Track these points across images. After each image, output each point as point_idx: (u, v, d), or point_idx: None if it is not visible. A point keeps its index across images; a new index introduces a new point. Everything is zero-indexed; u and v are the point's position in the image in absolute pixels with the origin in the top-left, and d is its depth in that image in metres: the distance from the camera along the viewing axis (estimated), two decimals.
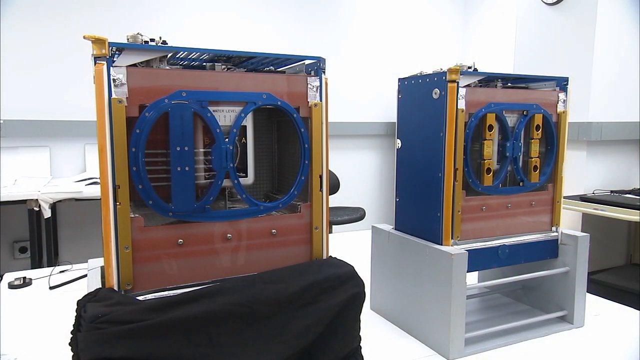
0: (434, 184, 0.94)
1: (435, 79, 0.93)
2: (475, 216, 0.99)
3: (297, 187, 0.82)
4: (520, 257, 1.02)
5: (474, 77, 0.97)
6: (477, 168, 1.00)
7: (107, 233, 0.69)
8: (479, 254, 0.97)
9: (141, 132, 0.69)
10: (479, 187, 0.99)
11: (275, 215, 0.83)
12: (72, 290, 1.23)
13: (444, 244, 0.94)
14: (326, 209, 0.84)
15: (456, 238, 0.96)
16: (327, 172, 0.83)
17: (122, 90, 0.68)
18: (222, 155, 0.74)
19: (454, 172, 0.93)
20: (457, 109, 0.92)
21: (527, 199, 1.05)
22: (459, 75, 0.91)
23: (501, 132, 1.01)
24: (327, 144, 0.83)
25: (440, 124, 0.92)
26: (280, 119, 0.95)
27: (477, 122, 0.96)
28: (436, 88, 0.93)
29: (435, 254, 0.92)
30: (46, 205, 2.13)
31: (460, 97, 0.92)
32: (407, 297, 1.00)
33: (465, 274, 0.90)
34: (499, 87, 1.04)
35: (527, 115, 1.02)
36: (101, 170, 0.68)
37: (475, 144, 1.00)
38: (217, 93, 0.74)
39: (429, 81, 0.95)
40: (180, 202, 0.72)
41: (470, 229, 0.98)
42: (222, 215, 0.77)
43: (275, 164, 0.98)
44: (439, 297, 0.91)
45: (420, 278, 0.96)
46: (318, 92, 0.82)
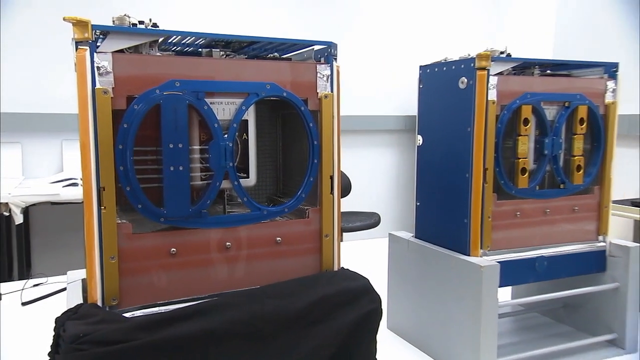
0: (460, 186, 0.95)
1: (462, 66, 0.94)
2: (508, 223, 0.99)
3: (304, 190, 0.83)
4: (561, 271, 1.02)
5: (507, 63, 0.97)
6: (510, 168, 1.00)
7: (90, 241, 0.70)
8: (513, 267, 0.97)
9: (129, 126, 0.70)
10: (513, 189, 0.99)
11: (280, 221, 0.84)
12: (48, 306, 1.25)
13: (472, 255, 0.94)
14: (338, 214, 0.85)
15: (486, 248, 0.96)
16: (338, 172, 0.85)
17: (107, 80, 0.69)
18: (220, 153, 0.75)
19: (483, 172, 0.93)
20: (487, 100, 0.92)
21: (569, 203, 1.05)
22: (489, 62, 0.91)
23: (538, 126, 1.01)
24: (339, 141, 0.84)
25: (468, 117, 0.93)
26: (286, 113, 0.96)
27: (511, 115, 0.97)
28: (463, 77, 0.93)
29: (462, 266, 0.93)
30: (17, 209, 2.16)
31: (491, 87, 0.93)
32: (429, 315, 1.01)
33: (497, 289, 0.90)
34: (536, 75, 1.05)
35: (570, 107, 1.02)
36: (83, 170, 0.70)
37: (508, 141, 1.00)
38: (215, 83, 0.76)
39: (454, 69, 0.96)
40: (174, 206, 0.74)
41: (502, 237, 0.99)
42: (221, 221, 0.78)
43: (279, 163, 0.99)
44: (466, 316, 0.92)
45: (444, 293, 0.97)
46: (329, 82, 0.83)
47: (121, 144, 0.70)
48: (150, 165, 0.76)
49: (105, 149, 0.69)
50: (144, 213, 0.73)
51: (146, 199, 0.72)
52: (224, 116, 0.78)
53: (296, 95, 0.80)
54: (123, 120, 0.71)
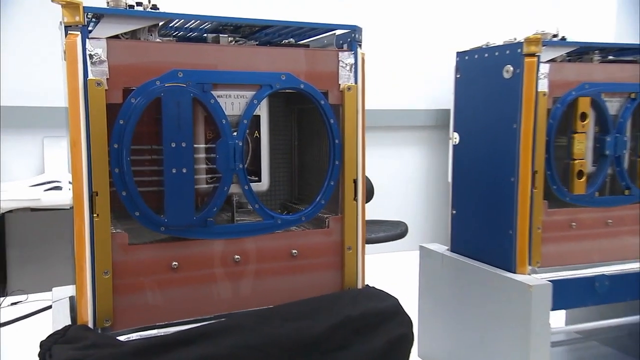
0: (504, 191, 0.95)
1: (508, 52, 0.94)
2: (561, 235, 0.99)
3: (324, 195, 0.84)
4: (625, 293, 1.01)
5: (561, 48, 0.97)
6: (564, 171, 1.00)
7: (81, 253, 0.72)
8: (568, 287, 0.97)
9: (126, 123, 0.72)
10: (567, 196, 0.99)
11: (296, 232, 0.85)
12: (29, 328, 1.27)
13: (518, 272, 0.94)
14: (362, 224, 0.85)
15: (535, 264, 0.96)
16: (363, 175, 0.85)
17: (101, 70, 0.71)
18: (229, 153, 0.77)
19: (532, 176, 0.93)
20: (537, 91, 0.93)
21: (635, 212, 1.04)
22: (540, 47, 0.92)
23: (598, 122, 1.01)
24: (363, 140, 0.85)
25: (514, 112, 0.93)
26: (303, 107, 0.97)
27: (565, 109, 0.97)
28: (508, 64, 0.94)
29: (506, 285, 0.93)
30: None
31: (541, 76, 0.93)
32: (467, 343, 1.01)
33: (549, 313, 0.90)
34: (595, 61, 1.04)
35: (636, 99, 1.01)
36: (74, 173, 0.71)
37: (562, 139, 1.00)
38: (223, 73, 0.77)
39: (498, 55, 0.96)
40: (176, 214, 0.75)
41: (554, 252, 0.98)
42: (229, 231, 0.79)
43: (295, 165, 1.00)
44: (512, 344, 0.92)
45: (485, 317, 0.97)
46: (352, 72, 0.83)
47: (117, 142, 0.72)
48: (149, 167, 0.78)
49: (99, 148, 0.71)
50: (141, 221, 0.74)
51: (145, 205, 0.74)
52: (233, 111, 0.79)
53: (315, 87, 0.81)
54: (119, 115, 0.72)
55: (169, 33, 0.86)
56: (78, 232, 0.72)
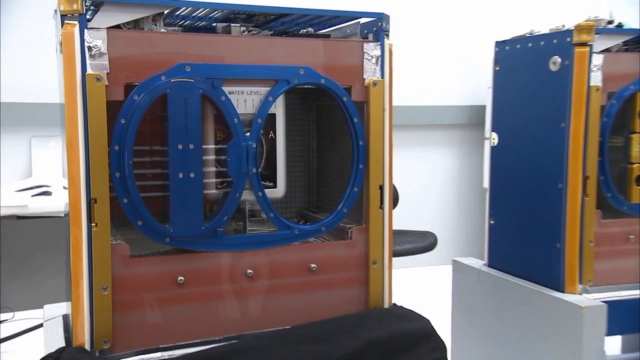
0: (550, 199, 0.94)
1: (555, 41, 0.94)
2: (617, 250, 0.98)
3: (346, 203, 0.84)
4: None
5: (617, 36, 0.96)
6: (619, 176, 0.99)
7: (77, 267, 0.73)
8: (624, 309, 0.96)
9: (128, 122, 0.73)
10: (624, 205, 0.98)
11: (316, 243, 0.85)
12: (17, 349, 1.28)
13: (567, 291, 0.93)
14: (389, 235, 0.85)
15: (587, 283, 0.95)
16: (390, 181, 0.85)
17: (100, 63, 0.72)
18: (241, 156, 0.77)
19: (582, 182, 0.92)
20: (589, 86, 0.92)
21: None
22: (592, 35, 0.91)
23: None
24: (390, 141, 0.85)
25: (562, 109, 0.92)
26: (323, 105, 0.98)
27: (622, 105, 0.96)
28: (556, 55, 0.93)
29: (554, 306, 0.92)
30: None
31: (594, 69, 0.92)
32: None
33: (603, 338, 0.89)
34: None
35: None
36: (70, 177, 0.72)
37: (618, 139, 0.99)
38: (235, 67, 0.78)
39: (544, 45, 0.96)
40: (182, 223, 0.75)
41: (609, 269, 0.97)
42: (241, 243, 0.79)
43: (313, 169, 1.01)
44: None
45: (528, 342, 0.96)
46: (378, 65, 0.83)
47: (117, 144, 0.73)
48: (151, 169, 0.78)
49: (98, 150, 0.72)
50: (144, 231, 0.75)
51: (148, 213, 0.74)
52: (246, 109, 0.79)
53: (337, 82, 0.82)
54: (120, 114, 0.73)
55: (175, 22, 0.87)
56: (74, 243, 0.72)
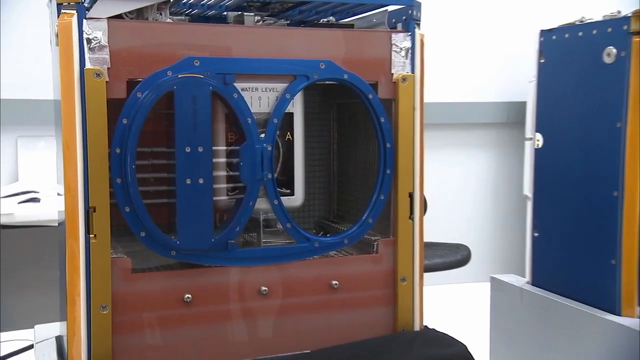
0: (603, 209, 0.94)
1: (609, 29, 0.93)
2: None
3: (372, 213, 0.84)
4: None
5: None
6: None
7: (74, 283, 0.73)
8: None
9: (130, 123, 0.73)
10: None
11: (337, 258, 0.85)
12: None
13: (624, 314, 0.92)
14: (420, 249, 0.85)
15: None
16: (421, 188, 0.86)
17: (101, 57, 0.72)
18: (255, 160, 0.78)
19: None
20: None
21: None
22: None
23: None
24: (422, 143, 0.85)
25: (617, 106, 0.91)
26: (345, 103, 0.98)
27: None
28: (610, 46, 0.93)
29: (608, 330, 0.91)
30: None
31: None
32: None
33: None
34: None
35: None
36: (67, 182, 0.73)
37: None
38: (248, 61, 0.78)
39: (596, 34, 0.95)
40: (190, 235, 0.76)
41: None
42: (254, 257, 0.80)
43: (334, 174, 1.01)
44: None
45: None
46: (408, 58, 0.84)
47: (119, 146, 0.73)
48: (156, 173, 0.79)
49: (97, 153, 0.72)
50: (148, 243, 0.76)
51: (152, 223, 0.75)
52: (261, 108, 0.80)
53: (361, 77, 0.82)
54: (122, 113, 0.73)
55: (183, 11, 0.88)
56: (70, 256, 0.73)
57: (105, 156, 0.73)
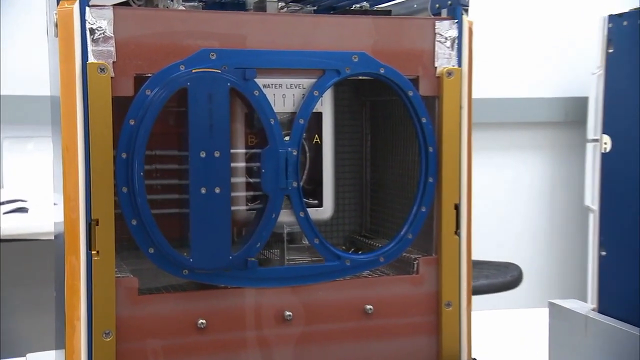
0: None
1: None
2: None
3: (412, 227, 0.84)
4: None
5: None
6: None
7: (73, 306, 0.74)
8: None
9: (139, 124, 0.74)
10: None
11: (372, 279, 0.85)
12: None
13: None
14: (467, 269, 0.86)
15: None
16: (469, 198, 0.86)
17: (105, 50, 0.73)
18: (279, 166, 0.78)
19: None
20: None
21: None
22: None
23: None
24: (469, 147, 0.85)
25: None
26: (380, 101, 0.99)
27: None
28: None
29: None
30: None
31: None
32: None
33: None
34: None
35: None
36: (66, 191, 0.74)
37: None
38: (272, 54, 0.79)
39: None
40: (205, 251, 0.76)
41: None
42: (278, 277, 0.80)
43: (367, 182, 1.02)
44: None
45: None
46: (454, 50, 0.84)
47: (125, 151, 0.74)
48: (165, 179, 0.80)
49: (101, 158, 0.73)
50: (157, 261, 0.76)
51: (162, 238, 0.75)
52: (285, 107, 0.81)
53: (400, 72, 0.82)
54: (129, 113, 0.74)
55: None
56: (70, 275, 0.74)
57: (110, 162, 0.74)
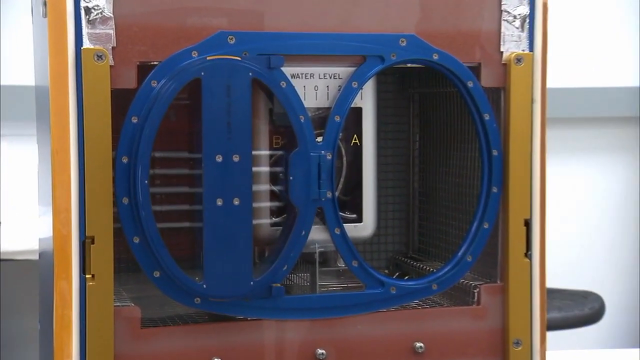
0: None
1: None
2: None
3: (472, 247, 0.85)
4: None
5: None
6: None
7: (62, 341, 0.75)
8: None
9: (143, 122, 0.74)
10: None
11: (423, 310, 0.86)
12: None
13: None
14: (541, 300, 0.85)
15: None
16: (543, 212, 0.86)
17: (104, 33, 0.74)
18: (310, 173, 0.78)
19: None
20: None
21: None
22: None
23: None
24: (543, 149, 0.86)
25: None
26: (430, 93, 0.99)
27: None
28: None
29: None
30: None
31: None
32: None
33: None
34: None
35: None
36: (56, 203, 0.74)
37: None
38: (302, 38, 0.79)
39: None
40: (221, 276, 0.77)
41: None
42: (308, 307, 0.81)
43: (415, 191, 1.03)
44: None
45: None
46: (525, 31, 0.84)
47: (127, 154, 0.75)
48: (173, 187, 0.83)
49: (98, 163, 0.74)
50: (163, 287, 0.77)
51: (170, 259, 0.75)
52: (318, 102, 0.82)
53: (457, 58, 0.82)
54: (131, 109, 0.75)
55: None
56: (59, 304, 0.75)
57: (109, 167, 0.74)
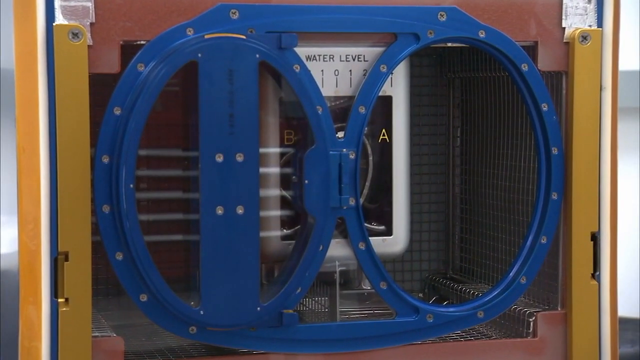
0: None
1: None
2: None
3: (526, 267, 0.83)
4: None
5: None
6: None
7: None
8: None
9: (127, 114, 0.74)
10: None
11: (466, 343, 0.84)
12: None
13: None
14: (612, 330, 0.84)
15: None
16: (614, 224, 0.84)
17: (80, 6, 0.73)
18: (329, 175, 0.77)
19: None
20: None
21: None
22: None
23: None
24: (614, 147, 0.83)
25: None
26: (474, 78, 0.97)
27: None
28: None
29: None
30: None
31: None
32: None
33: None
34: None
35: None
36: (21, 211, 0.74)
37: None
38: (319, 12, 0.78)
39: None
40: (221, 300, 0.75)
41: None
42: (326, 338, 0.80)
43: (455, 198, 1.01)
44: None
45: None
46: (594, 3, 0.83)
47: (108, 153, 0.74)
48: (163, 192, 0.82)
49: (73, 163, 0.73)
50: (151, 314, 0.76)
51: (160, 279, 0.74)
52: (338, 89, 0.81)
53: (509, 36, 0.81)
54: (113, 98, 0.74)
55: None
56: (25, 335, 0.75)
57: (86, 168, 0.73)
